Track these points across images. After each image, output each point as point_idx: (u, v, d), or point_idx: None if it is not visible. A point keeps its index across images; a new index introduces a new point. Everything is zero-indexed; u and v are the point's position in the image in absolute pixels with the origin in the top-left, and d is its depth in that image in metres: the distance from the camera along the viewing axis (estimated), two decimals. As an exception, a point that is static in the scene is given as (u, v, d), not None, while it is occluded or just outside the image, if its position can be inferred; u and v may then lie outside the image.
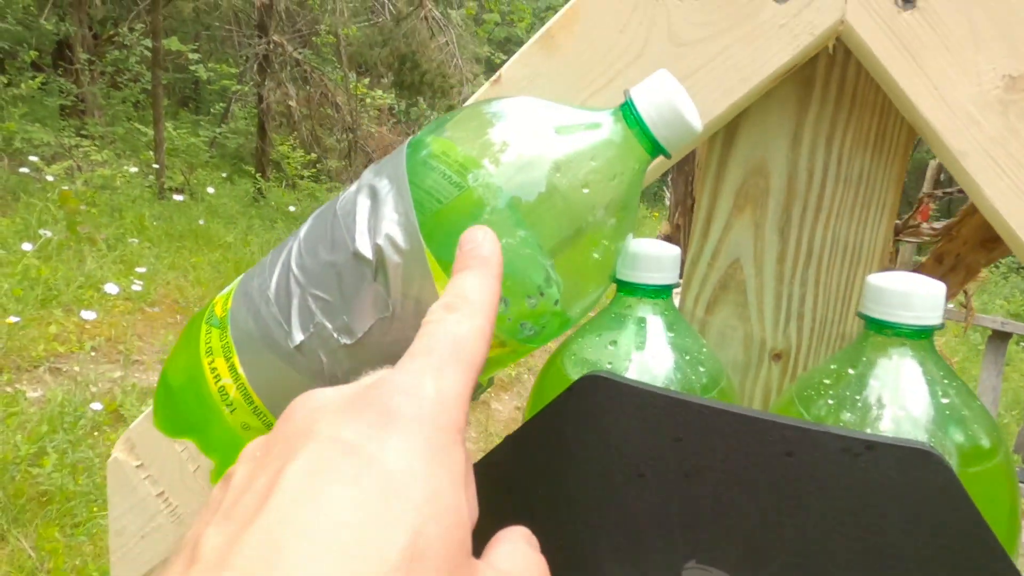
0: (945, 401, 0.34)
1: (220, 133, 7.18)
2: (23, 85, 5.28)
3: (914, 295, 0.34)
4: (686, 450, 0.33)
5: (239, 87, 6.98)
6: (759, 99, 0.42)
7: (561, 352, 0.41)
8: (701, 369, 0.39)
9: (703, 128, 0.40)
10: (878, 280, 0.35)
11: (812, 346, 0.44)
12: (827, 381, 0.36)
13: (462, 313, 0.28)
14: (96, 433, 2.39)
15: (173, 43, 6.35)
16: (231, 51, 7.56)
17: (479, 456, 0.38)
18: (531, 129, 0.35)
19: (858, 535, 0.31)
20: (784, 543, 0.32)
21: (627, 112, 0.35)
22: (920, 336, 0.35)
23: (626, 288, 0.39)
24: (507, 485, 0.38)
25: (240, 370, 0.37)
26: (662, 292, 0.39)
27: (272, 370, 0.37)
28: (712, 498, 0.33)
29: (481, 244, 0.31)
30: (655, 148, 0.35)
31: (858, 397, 0.35)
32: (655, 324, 0.39)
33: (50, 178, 4.44)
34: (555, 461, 0.36)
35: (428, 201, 0.34)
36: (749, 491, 0.32)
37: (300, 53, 6.31)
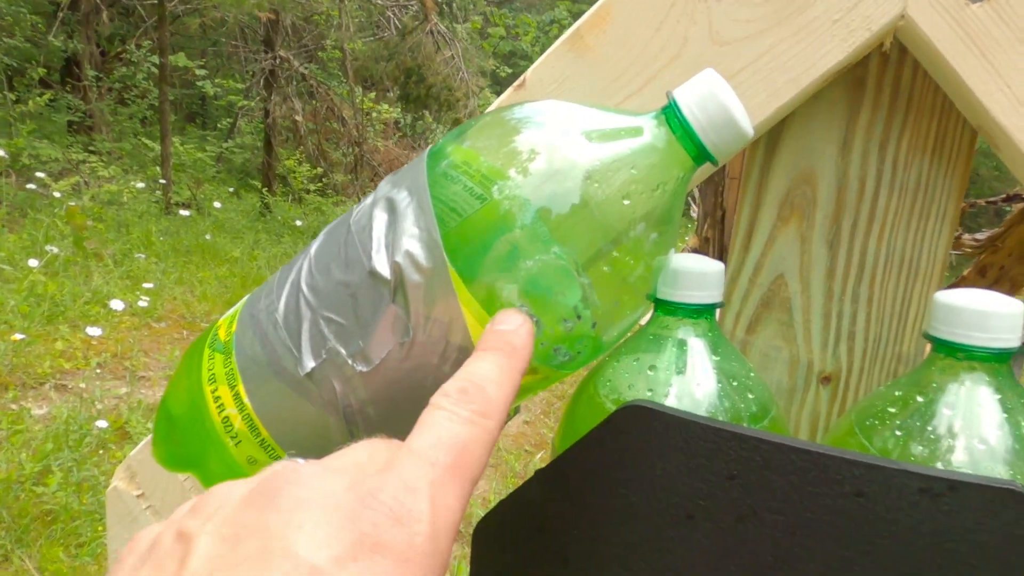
0: (1029, 433, 0.31)
1: (226, 148, 7.19)
2: (31, 102, 5.29)
3: (991, 315, 0.31)
4: (741, 489, 0.30)
5: (245, 102, 7.00)
6: (806, 102, 0.38)
7: (594, 377, 0.38)
8: (750, 396, 0.35)
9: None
10: (948, 298, 0.32)
11: (865, 368, 0.40)
12: (892, 409, 0.33)
13: (476, 409, 0.26)
14: (102, 451, 2.36)
15: (180, 59, 6.37)
16: (237, 67, 7.58)
17: (489, 481, 0.35)
18: (562, 135, 0.32)
19: (940, 586, 0.27)
20: (854, 594, 0.28)
21: (670, 115, 0.32)
22: (996, 360, 0.32)
23: (665, 307, 0.36)
24: (538, 525, 0.35)
25: (246, 399, 0.34)
26: (705, 312, 0.36)
27: (281, 399, 0.34)
28: (771, 544, 0.30)
29: (516, 331, 0.29)
30: (701, 155, 0.31)
31: (929, 428, 0.31)
32: (698, 347, 0.36)
33: (57, 194, 4.44)
34: (592, 500, 0.33)
35: (448, 215, 0.31)
36: (813, 536, 0.29)
37: (306, 68, 6.32)
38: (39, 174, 4.59)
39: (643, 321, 0.39)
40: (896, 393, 0.33)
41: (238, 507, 0.22)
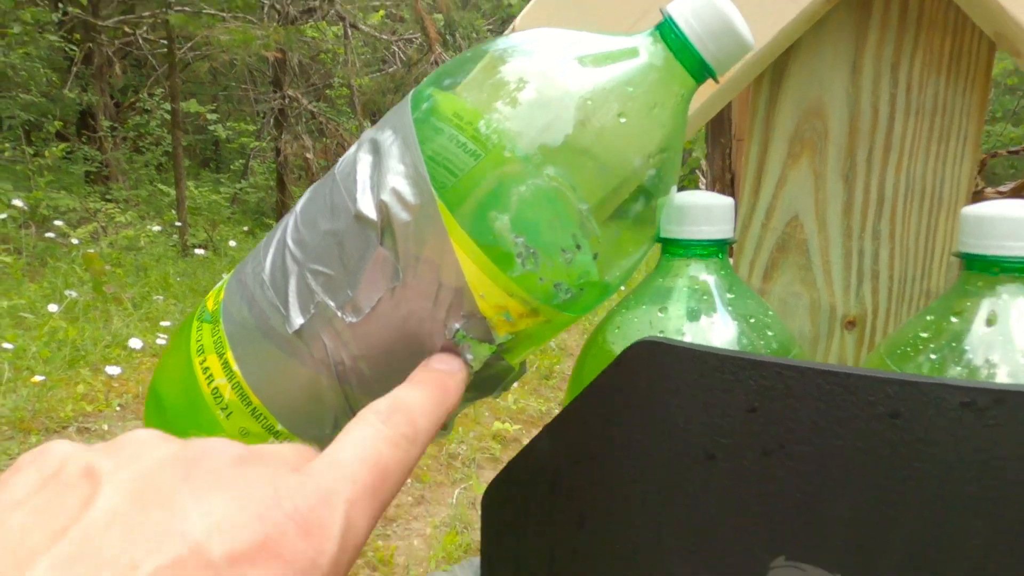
0: (1077, 344, 0.28)
1: (240, 189, 7.28)
2: (47, 153, 5.40)
3: (1025, 220, 0.29)
4: (764, 422, 0.27)
5: (257, 143, 7.10)
6: (810, 30, 0.37)
7: (603, 327, 0.35)
8: (769, 334, 0.33)
9: (748, 64, 0.35)
10: (976, 210, 0.30)
11: (891, 309, 0.38)
12: (924, 335, 0.31)
13: (403, 432, 0.25)
14: (124, 491, 2.34)
15: (192, 105, 6.48)
16: (248, 109, 7.70)
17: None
18: (553, 61, 0.30)
19: (990, 511, 0.25)
20: (896, 527, 0.26)
21: (666, 30, 0.30)
22: (1036, 270, 0.29)
23: (673, 247, 0.34)
24: (550, 482, 0.32)
25: (235, 367, 0.32)
26: (716, 249, 0.33)
27: (270, 363, 0.32)
28: (799, 479, 0.27)
29: (452, 374, 0.28)
30: (701, 68, 0.30)
31: (967, 348, 0.29)
32: (710, 286, 0.33)
33: (75, 241, 4.50)
34: (605, 448, 0.30)
35: (439, 173, 0.29)
36: (845, 467, 0.26)
37: (315, 106, 6.41)
38: (57, 223, 4.66)
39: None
40: (928, 318, 0.31)
41: (155, 467, 0.20)
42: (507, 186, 0.28)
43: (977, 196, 0.64)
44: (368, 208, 0.29)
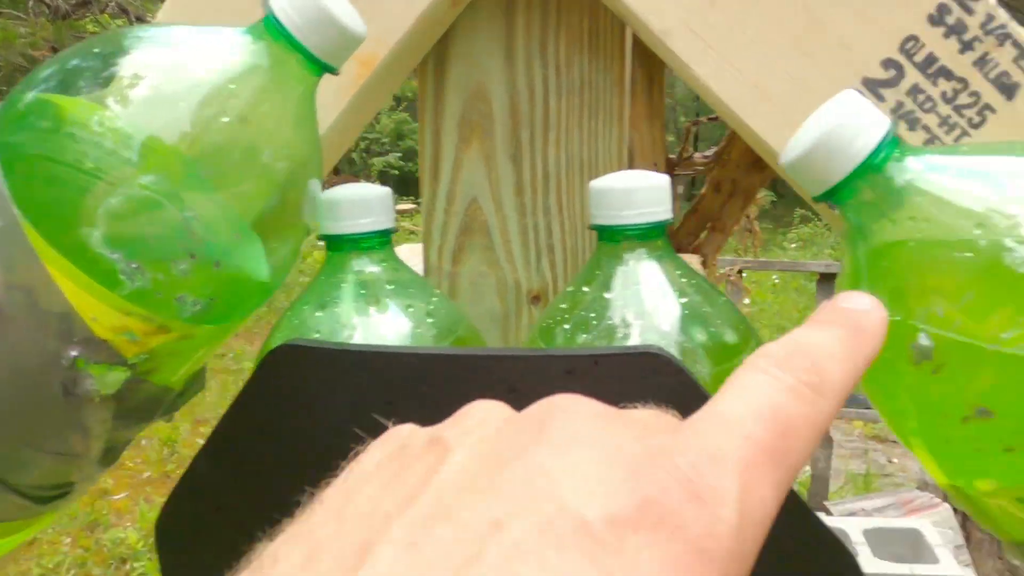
0: (684, 300, 0.31)
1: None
2: None
3: (635, 191, 0.30)
4: (401, 414, 0.27)
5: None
6: (464, 13, 0.37)
7: (272, 334, 0.34)
8: (429, 320, 0.33)
9: (398, 54, 0.35)
10: (598, 184, 0.31)
11: (569, 281, 0.39)
12: (563, 306, 0.32)
13: (807, 380, 0.19)
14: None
15: None
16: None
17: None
18: (162, 60, 0.28)
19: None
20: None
21: (271, 26, 0.29)
22: (650, 235, 0.31)
23: (334, 244, 0.33)
24: (214, 501, 0.31)
25: None
26: (377, 241, 0.33)
27: None
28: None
29: (866, 312, 0.22)
30: (314, 63, 0.29)
31: (593, 315, 0.30)
32: (371, 280, 0.33)
33: None
34: (261, 463, 0.29)
35: (21, 187, 0.26)
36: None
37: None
38: None
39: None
40: (569, 290, 0.32)
41: (505, 427, 0.18)
42: (97, 198, 0.26)
43: (686, 162, 0.69)
44: (-57, 240, 0.26)
